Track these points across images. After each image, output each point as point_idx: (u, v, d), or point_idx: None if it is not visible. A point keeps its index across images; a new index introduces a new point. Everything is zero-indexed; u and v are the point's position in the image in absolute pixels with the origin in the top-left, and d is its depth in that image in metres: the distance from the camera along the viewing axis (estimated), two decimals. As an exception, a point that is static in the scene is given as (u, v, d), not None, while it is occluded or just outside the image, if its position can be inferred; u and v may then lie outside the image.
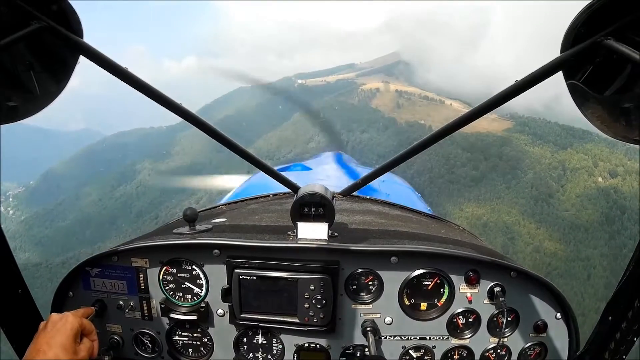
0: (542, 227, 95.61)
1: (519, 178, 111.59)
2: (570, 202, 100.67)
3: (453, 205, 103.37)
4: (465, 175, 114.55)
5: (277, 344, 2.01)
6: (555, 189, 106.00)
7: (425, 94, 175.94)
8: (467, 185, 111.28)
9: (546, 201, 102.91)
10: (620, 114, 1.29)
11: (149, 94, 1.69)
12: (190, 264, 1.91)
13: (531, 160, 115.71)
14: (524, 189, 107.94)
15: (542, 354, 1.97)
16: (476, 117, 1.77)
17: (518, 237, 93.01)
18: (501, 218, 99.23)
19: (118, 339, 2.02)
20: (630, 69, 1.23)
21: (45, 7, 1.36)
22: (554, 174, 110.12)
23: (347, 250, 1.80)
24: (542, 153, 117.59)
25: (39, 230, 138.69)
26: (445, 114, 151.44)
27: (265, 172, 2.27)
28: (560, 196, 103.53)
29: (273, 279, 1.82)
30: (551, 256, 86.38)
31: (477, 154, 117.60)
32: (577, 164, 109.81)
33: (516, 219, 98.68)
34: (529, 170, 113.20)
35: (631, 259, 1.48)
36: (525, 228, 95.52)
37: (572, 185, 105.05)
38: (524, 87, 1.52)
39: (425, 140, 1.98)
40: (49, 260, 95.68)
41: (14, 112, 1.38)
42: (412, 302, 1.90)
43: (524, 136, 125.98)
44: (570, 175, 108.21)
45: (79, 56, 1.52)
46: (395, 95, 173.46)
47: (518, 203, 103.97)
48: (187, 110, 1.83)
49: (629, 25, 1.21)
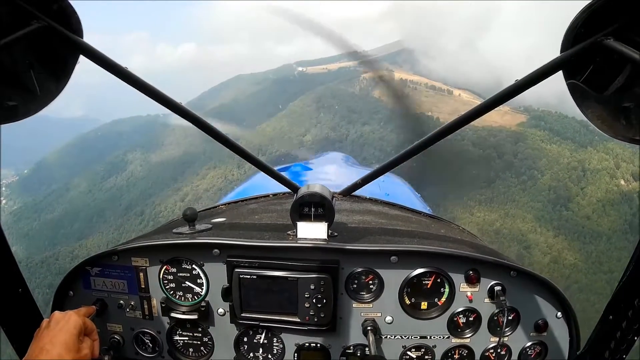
0: (560, 235, 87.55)
1: (535, 179, 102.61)
2: (591, 207, 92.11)
3: (462, 209, 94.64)
4: (477, 175, 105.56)
5: (278, 343, 2.02)
6: (574, 192, 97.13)
7: (432, 83, 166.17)
8: (479, 186, 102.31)
9: (565, 206, 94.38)
10: (621, 113, 1.29)
11: (149, 93, 1.70)
12: (191, 264, 1.92)
13: (548, 159, 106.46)
14: (541, 191, 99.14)
15: (543, 353, 1.97)
16: (474, 118, 1.75)
17: (534, 245, 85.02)
18: (516, 224, 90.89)
19: (119, 338, 2.04)
20: (630, 69, 1.22)
21: (45, 7, 1.36)
22: (573, 175, 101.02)
23: (347, 249, 1.81)
24: (560, 151, 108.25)
25: (27, 223, 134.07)
26: (454, 105, 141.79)
27: (265, 172, 2.22)
28: (580, 200, 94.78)
29: (273, 279, 1.83)
30: (570, 268, 78.70)
31: (490, 151, 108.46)
32: (597, 164, 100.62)
33: (532, 226, 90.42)
34: (546, 171, 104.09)
35: (631, 259, 1.48)
36: (542, 236, 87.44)
37: (592, 189, 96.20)
38: (524, 86, 1.52)
39: (425, 140, 1.95)
40: (29, 258, 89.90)
41: (14, 112, 1.39)
42: (412, 302, 1.91)
43: (540, 132, 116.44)
44: (591, 177, 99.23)
45: (79, 56, 1.53)
46: (400, 84, 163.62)
47: (534, 207, 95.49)
48: (188, 110, 1.82)
49: (629, 25, 1.21)
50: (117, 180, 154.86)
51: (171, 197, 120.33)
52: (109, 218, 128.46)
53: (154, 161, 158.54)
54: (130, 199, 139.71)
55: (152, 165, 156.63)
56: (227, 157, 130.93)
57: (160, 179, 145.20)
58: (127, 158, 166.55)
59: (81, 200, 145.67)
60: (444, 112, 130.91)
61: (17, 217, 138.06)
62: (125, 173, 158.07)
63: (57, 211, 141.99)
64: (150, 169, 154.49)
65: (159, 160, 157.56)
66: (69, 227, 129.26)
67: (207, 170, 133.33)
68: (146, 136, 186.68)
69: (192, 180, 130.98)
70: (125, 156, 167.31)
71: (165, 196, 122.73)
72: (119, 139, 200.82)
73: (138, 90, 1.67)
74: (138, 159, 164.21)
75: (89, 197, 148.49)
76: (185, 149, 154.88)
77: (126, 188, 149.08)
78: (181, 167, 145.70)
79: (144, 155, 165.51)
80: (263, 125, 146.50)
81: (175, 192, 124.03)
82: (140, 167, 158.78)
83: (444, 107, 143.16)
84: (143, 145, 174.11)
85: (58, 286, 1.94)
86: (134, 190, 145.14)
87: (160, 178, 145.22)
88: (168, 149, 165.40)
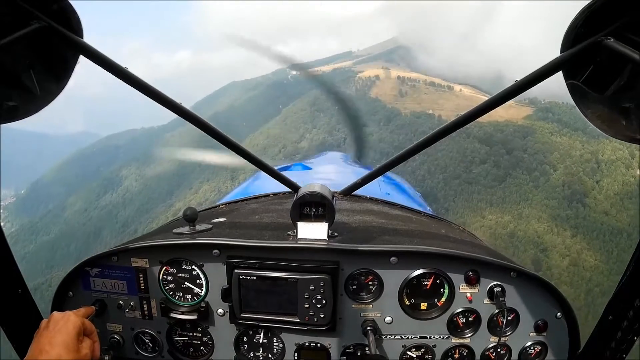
0: (578, 235, 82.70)
1: (547, 175, 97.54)
2: (608, 201, 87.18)
3: (473, 213, 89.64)
4: (486, 173, 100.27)
5: (278, 343, 2.03)
6: (590, 186, 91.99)
7: (431, 79, 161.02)
8: (488, 186, 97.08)
9: (581, 202, 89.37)
10: (621, 113, 1.29)
11: (149, 94, 1.70)
12: (190, 264, 1.93)
13: (560, 152, 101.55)
14: (555, 187, 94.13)
15: (543, 353, 1.98)
16: (473, 119, 1.76)
17: (551, 248, 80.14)
18: (530, 225, 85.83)
19: (118, 338, 2.05)
20: (630, 69, 1.22)
21: (45, 7, 1.36)
22: (587, 167, 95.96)
23: (347, 250, 1.82)
24: (571, 143, 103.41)
25: (23, 246, 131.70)
26: (456, 101, 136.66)
27: (265, 172, 2.22)
28: (597, 195, 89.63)
29: (273, 279, 1.83)
30: (591, 270, 73.87)
31: (498, 148, 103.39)
32: (611, 155, 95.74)
33: (548, 226, 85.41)
34: (558, 165, 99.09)
35: (631, 258, 1.49)
36: (560, 236, 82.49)
37: (608, 181, 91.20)
38: (523, 87, 1.53)
39: (425, 140, 1.95)
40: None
41: (14, 112, 1.39)
42: (412, 302, 1.92)
43: (549, 124, 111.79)
44: (606, 169, 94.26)
45: (79, 56, 1.52)
46: (397, 82, 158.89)
47: (549, 205, 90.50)
48: (187, 110, 1.82)
49: (629, 25, 1.21)
50: (113, 197, 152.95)
51: (163, 214, 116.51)
52: (105, 237, 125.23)
53: (149, 175, 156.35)
54: (127, 215, 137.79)
55: (148, 179, 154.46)
56: (220, 169, 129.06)
57: (156, 193, 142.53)
58: (122, 173, 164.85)
59: (77, 220, 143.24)
60: (446, 109, 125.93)
61: (14, 240, 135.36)
62: (121, 188, 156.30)
63: (54, 232, 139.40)
64: (145, 183, 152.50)
65: (155, 173, 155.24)
66: (66, 249, 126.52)
67: (200, 183, 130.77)
68: (141, 149, 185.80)
69: (185, 195, 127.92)
70: (120, 171, 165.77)
71: (159, 212, 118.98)
72: (113, 153, 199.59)
73: (138, 90, 1.66)
74: (133, 173, 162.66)
75: (84, 217, 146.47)
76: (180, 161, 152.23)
77: (122, 205, 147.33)
78: (177, 180, 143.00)
79: (139, 170, 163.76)
80: (256, 134, 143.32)
81: (168, 208, 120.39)
82: (135, 182, 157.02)
83: (446, 103, 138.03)
84: (138, 158, 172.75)
85: (58, 287, 1.93)
86: (130, 207, 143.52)
87: (156, 193, 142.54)
88: (163, 162, 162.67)
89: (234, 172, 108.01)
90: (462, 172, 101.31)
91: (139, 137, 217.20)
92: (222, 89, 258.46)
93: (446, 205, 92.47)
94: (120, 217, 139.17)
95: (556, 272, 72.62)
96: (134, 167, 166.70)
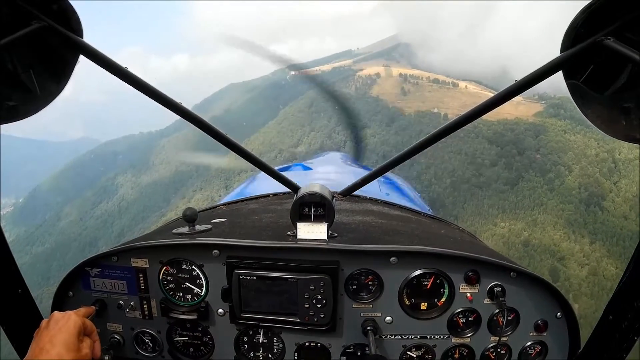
0: (597, 241, 77.82)
1: (562, 176, 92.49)
2: (627, 204, 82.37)
3: (484, 220, 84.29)
4: (497, 177, 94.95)
5: (278, 343, 2.03)
6: (607, 188, 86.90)
7: (434, 76, 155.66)
8: (500, 190, 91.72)
9: (599, 205, 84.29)
10: (621, 113, 1.29)
11: (149, 94, 1.70)
12: (190, 264, 1.93)
13: (575, 152, 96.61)
14: (571, 190, 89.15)
15: (543, 353, 1.99)
16: (473, 119, 1.77)
17: (569, 256, 75.29)
18: (546, 232, 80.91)
19: (119, 338, 2.05)
20: (630, 69, 1.23)
21: (45, 7, 1.36)
22: (603, 168, 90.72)
23: (347, 250, 1.82)
24: (586, 142, 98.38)
25: (18, 257, 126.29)
26: (462, 99, 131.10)
27: (265, 172, 2.24)
28: (615, 197, 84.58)
29: (273, 279, 1.84)
30: (612, 279, 68.94)
31: (509, 148, 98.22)
32: (628, 153, 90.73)
33: (564, 233, 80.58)
34: (573, 166, 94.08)
35: (631, 259, 1.50)
36: (578, 244, 77.69)
37: (626, 182, 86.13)
38: (523, 86, 1.54)
39: (425, 140, 1.96)
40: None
41: (14, 112, 1.39)
42: (412, 302, 1.92)
43: (561, 121, 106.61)
44: (623, 169, 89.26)
45: (79, 56, 1.53)
46: (399, 80, 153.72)
47: (565, 210, 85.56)
48: (188, 110, 1.83)
49: (629, 25, 1.22)
50: (109, 206, 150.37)
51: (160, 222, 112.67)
52: (101, 247, 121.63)
53: (145, 182, 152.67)
54: (123, 225, 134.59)
55: (143, 187, 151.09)
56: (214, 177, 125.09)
57: (152, 201, 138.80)
58: (118, 181, 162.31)
59: (73, 230, 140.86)
60: (452, 108, 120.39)
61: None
62: (117, 197, 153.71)
63: (49, 242, 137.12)
64: (141, 191, 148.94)
65: (150, 180, 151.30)
66: (62, 260, 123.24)
67: (193, 192, 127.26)
68: (139, 156, 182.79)
69: (178, 205, 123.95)
70: (116, 179, 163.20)
71: (151, 222, 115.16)
72: (112, 159, 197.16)
73: (138, 90, 1.66)
74: (129, 181, 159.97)
75: (80, 226, 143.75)
76: (176, 167, 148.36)
77: (118, 214, 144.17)
78: (173, 186, 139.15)
79: (135, 177, 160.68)
80: (253, 138, 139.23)
81: (160, 217, 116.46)
82: (131, 190, 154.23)
83: (451, 101, 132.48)
84: (135, 165, 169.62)
85: (58, 287, 1.93)
86: (125, 215, 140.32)
87: (152, 201, 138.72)
88: (159, 169, 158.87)
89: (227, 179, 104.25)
90: (472, 175, 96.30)
91: (136, 143, 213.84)
92: (220, 92, 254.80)
93: (455, 212, 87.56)
94: (115, 226, 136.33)
95: (575, 283, 67.63)
96: (130, 174, 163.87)
